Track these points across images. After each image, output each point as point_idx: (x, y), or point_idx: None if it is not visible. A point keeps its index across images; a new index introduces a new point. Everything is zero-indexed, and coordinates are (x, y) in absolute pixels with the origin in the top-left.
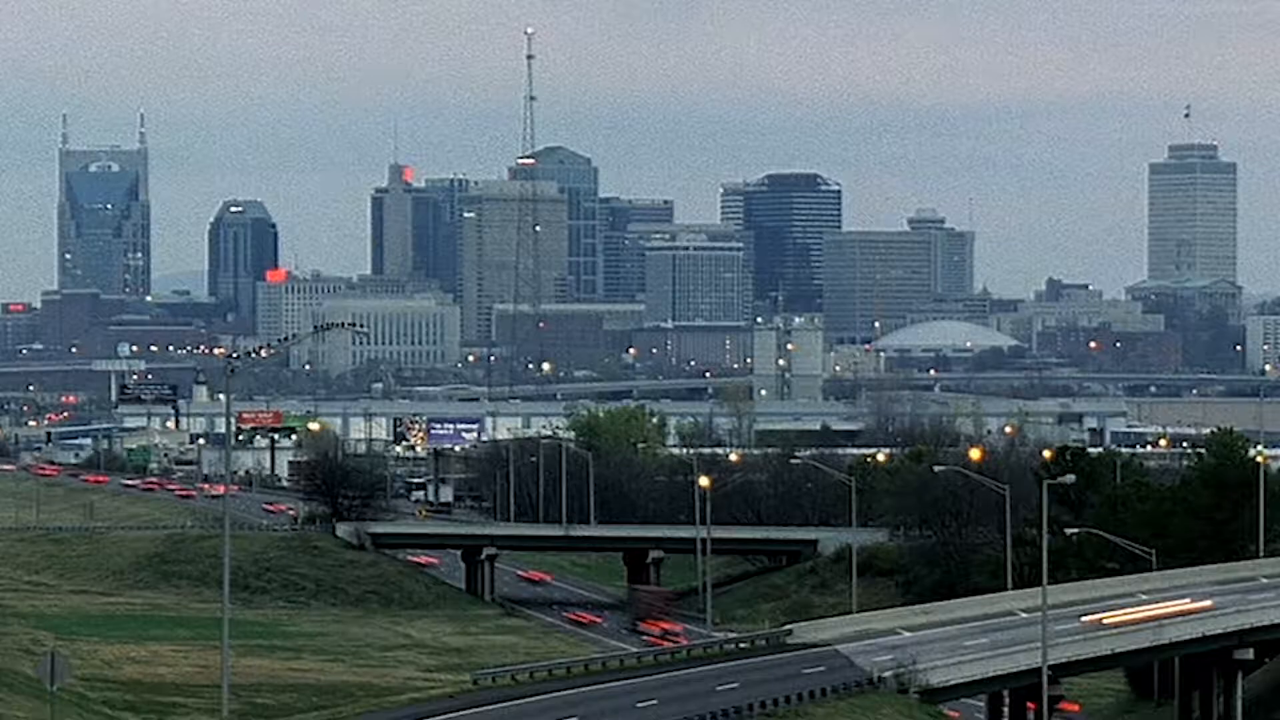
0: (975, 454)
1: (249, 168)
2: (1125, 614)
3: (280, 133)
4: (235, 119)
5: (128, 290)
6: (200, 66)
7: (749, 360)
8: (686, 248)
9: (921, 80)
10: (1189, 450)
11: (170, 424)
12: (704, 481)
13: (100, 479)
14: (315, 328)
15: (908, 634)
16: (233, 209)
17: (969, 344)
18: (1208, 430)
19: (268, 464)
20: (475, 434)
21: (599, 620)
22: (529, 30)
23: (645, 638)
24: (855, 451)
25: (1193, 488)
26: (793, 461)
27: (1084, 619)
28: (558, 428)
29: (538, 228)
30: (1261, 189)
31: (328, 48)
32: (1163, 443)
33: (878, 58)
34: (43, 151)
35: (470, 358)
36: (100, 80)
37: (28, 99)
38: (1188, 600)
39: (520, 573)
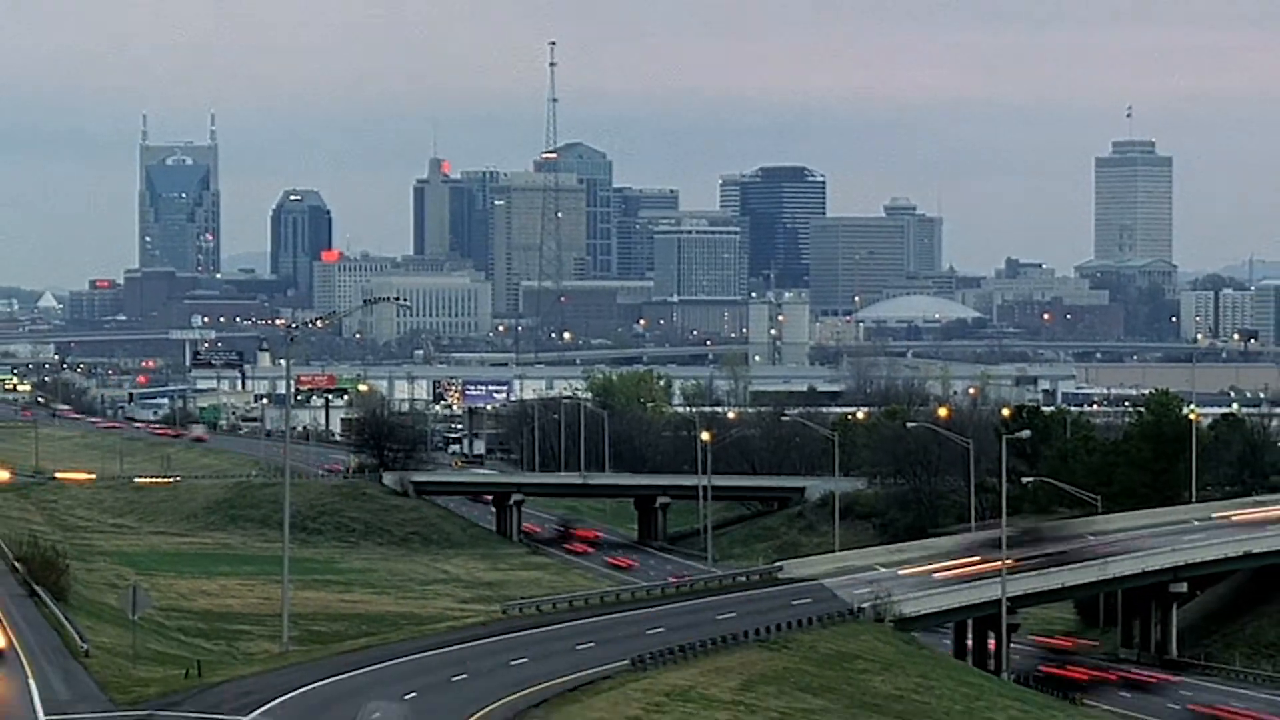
0: (943, 412)
1: (307, 161)
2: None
3: (334, 131)
4: (295, 119)
5: (200, 269)
6: (264, 73)
7: (744, 330)
8: (690, 231)
9: (896, 85)
10: (1130, 409)
11: (237, 385)
12: (705, 436)
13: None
14: (364, 301)
15: (883, 570)
16: (292, 198)
17: (937, 316)
18: (1146, 391)
19: (323, 421)
20: (504, 394)
21: (634, 564)
22: (552, 42)
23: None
24: (838, 410)
25: (1133, 442)
26: (783, 419)
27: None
28: (577, 389)
29: (559, 214)
30: (1194, 180)
31: (376, 57)
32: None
33: (858, 66)
34: (125, 147)
35: (500, 328)
36: (176, 84)
37: (113, 101)
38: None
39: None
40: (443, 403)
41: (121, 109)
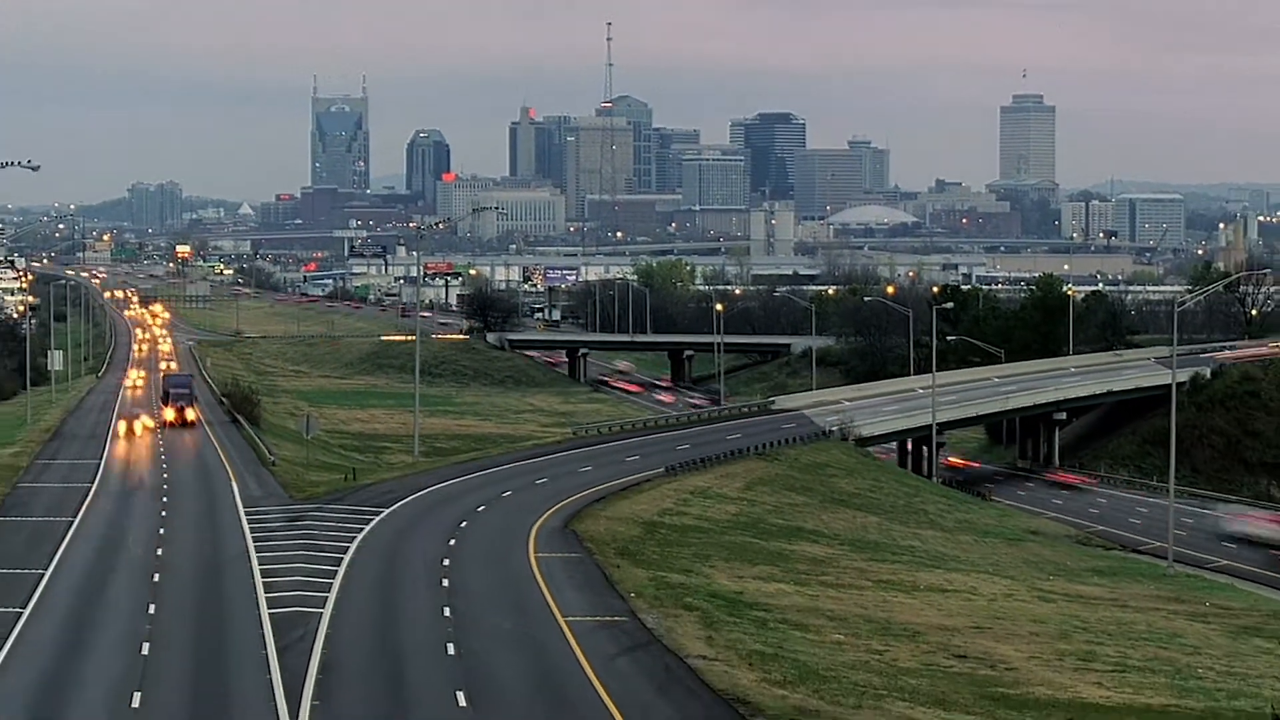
0: (890, 290)
1: (433, 108)
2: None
3: (453, 86)
4: (425, 77)
5: (355, 186)
6: (402, 45)
7: (747, 230)
8: (708, 159)
9: (859, 52)
10: (1025, 287)
11: (381, 270)
12: (719, 307)
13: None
14: (473, 210)
15: (848, 403)
16: (421, 134)
17: (886, 220)
18: (1036, 275)
19: (444, 296)
20: (574, 277)
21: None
22: (609, 22)
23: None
24: (814, 288)
25: (1027, 311)
26: (774, 294)
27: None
28: (626, 273)
29: (614, 147)
30: (1071, 122)
31: (483, 33)
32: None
33: (831, 38)
34: (301, 99)
35: (571, 229)
36: (337, 53)
37: (292, 67)
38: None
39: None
40: (529, 283)
41: (298, 73)
